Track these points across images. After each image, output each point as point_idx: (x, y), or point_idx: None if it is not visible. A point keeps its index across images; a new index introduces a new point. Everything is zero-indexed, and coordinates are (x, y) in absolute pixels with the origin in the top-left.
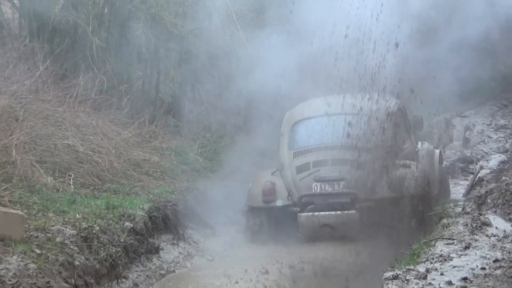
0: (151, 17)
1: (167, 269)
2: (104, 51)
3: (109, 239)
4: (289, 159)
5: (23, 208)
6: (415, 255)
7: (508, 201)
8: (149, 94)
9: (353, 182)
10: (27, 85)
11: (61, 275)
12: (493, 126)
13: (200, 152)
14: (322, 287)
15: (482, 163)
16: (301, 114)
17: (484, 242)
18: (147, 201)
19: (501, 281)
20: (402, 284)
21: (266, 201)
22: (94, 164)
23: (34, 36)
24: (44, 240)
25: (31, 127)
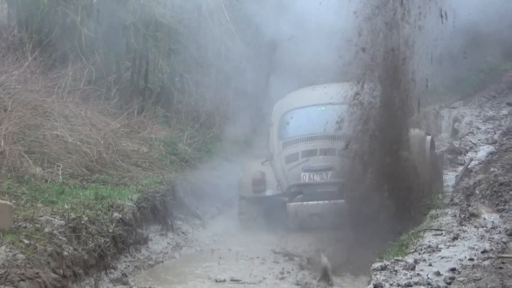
0: (140, 7)
1: (155, 260)
2: (92, 41)
3: (97, 230)
4: (278, 149)
5: (11, 199)
6: (404, 246)
7: (496, 192)
8: (138, 85)
9: (341, 171)
10: (16, 75)
11: (50, 266)
12: (482, 117)
13: (189, 142)
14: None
15: (470, 154)
16: (290, 104)
17: (473, 233)
18: (136, 191)
19: (489, 272)
20: (390, 274)
21: (256, 191)
22: (83, 155)
23: (23, 27)
24: (33, 230)
25: (20, 117)
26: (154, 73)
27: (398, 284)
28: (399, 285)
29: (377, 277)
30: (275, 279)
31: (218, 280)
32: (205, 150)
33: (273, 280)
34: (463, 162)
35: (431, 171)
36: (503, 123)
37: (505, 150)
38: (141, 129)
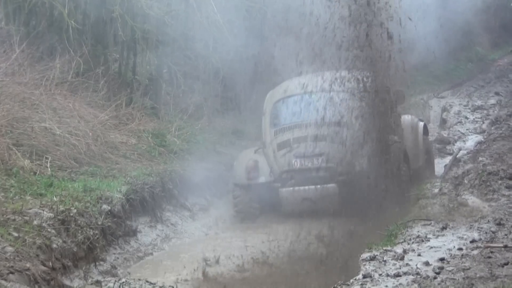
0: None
1: (145, 252)
2: (80, 33)
3: (86, 222)
4: (270, 137)
5: (0, 192)
6: (392, 236)
7: (485, 182)
8: (126, 77)
9: (332, 157)
10: (3, 68)
11: (39, 258)
12: (470, 107)
13: (178, 134)
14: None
15: (459, 144)
16: (281, 92)
17: (461, 223)
18: (125, 183)
19: (478, 262)
20: (379, 265)
21: (249, 178)
22: (71, 147)
23: (10, 19)
24: (21, 223)
25: (8, 110)
26: (142, 65)
27: (387, 274)
28: (388, 275)
29: (366, 267)
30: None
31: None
32: (193, 142)
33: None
34: (451, 151)
35: (424, 155)
36: (491, 112)
37: (494, 139)
38: (129, 121)
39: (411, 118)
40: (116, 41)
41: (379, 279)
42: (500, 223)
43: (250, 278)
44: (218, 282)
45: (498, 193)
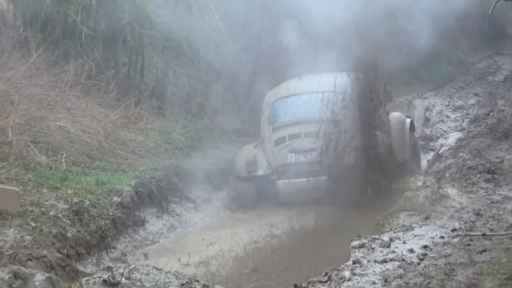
0: (136, 7)
1: (152, 240)
2: (92, 39)
3: (98, 213)
4: (268, 133)
5: (19, 185)
6: (380, 225)
7: (465, 175)
8: (134, 79)
9: (324, 151)
10: (22, 71)
11: (55, 246)
12: (451, 107)
13: (182, 132)
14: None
15: (441, 140)
16: (279, 93)
17: (443, 213)
18: (134, 177)
19: (458, 249)
20: (368, 252)
21: (249, 171)
22: (84, 144)
23: (28, 26)
24: (39, 214)
25: (26, 110)
26: (149, 68)
27: (375, 260)
28: (376, 261)
29: (355, 254)
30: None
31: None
32: (196, 139)
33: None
34: (434, 148)
35: (411, 149)
36: (470, 111)
37: (473, 136)
38: (137, 120)
39: (399, 115)
40: (125, 46)
41: (367, 265)
42: (478, 213)
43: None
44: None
45: (477, 186)
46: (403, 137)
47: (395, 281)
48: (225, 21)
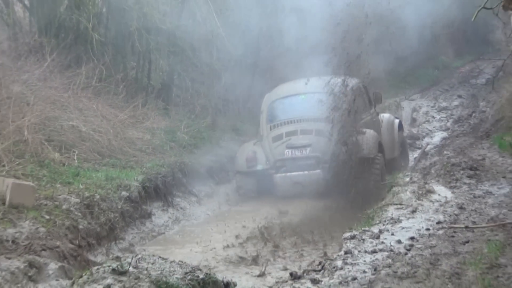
0: (143, 15)
1: (158, 231)
2: (102, 45)
3: (108, 206)
4: (266, 131)
5: (34, 180)
6: (370, 218)
7: (449, 172)
8: (141, 82)
9: (317, 147)
10: (37, 74)
11: (67, 237)
12: (436, 108)
13: (186, 131)
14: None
15: (427, 139)
16: (276, 94)
17: (429, 207)
18: (141, 173)
19: (442, 240)
20: (359, 243)
21: (249, 166)
22: (95, 142)
23: (42, 32)
24: (52, 207)
25: (41, 110)
26: (156, 72)
27: (365, 251)
28: (366, 252)
29: (347, 244)
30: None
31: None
32: (199, 137)
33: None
34: (420, 146)
35: (399, 148)
36: (454, 112)
37: (456, 136)
38: (144, 119)
39: (388, 115)
40: (133, 51)
41: (358, 255)
42: (462, 207)
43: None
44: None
45: (460, 182)
46: (392, 136)
47: (384, 270)
48: (226, 28)
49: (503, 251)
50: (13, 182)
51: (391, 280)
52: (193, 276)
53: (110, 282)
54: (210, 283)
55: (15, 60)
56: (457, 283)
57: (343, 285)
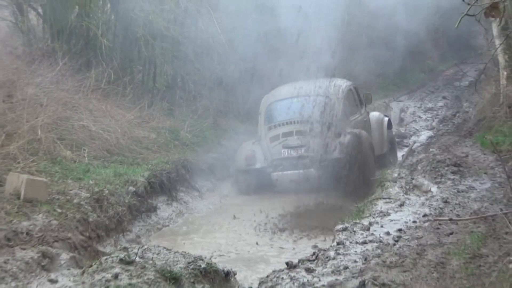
0: (149, 22)
1: (163, 224)
2: (111, 50)
3: (116, 200)
4: (264, 132)
5: (47, 176)
6: (361, 212)
7: (435, 168)
8: (147, 84)
9: (311, 147)
10: (49, 77)
11: (78, 229)
12: (423, 108)
13: (189, 130)
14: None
15: (414, 138)
16: (274, 97)
17: (415, 201)
18: (147, 169)
19: (428, 232)
20: (350, 234)
21: (248, 165)
22: (104, 141)
23: (55, 38)
24: (64, 201)
25: (53, 111)
26: (161, 75)
27: (356, 242)
28: (357, 243)
29: (339, 236)
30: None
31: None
32: (202, 136)
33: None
34: (408, 144)
35: (388, 144)
36: (439, 113)
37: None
38: (150, 119)
39: (378, 114)
40: (139, 56)
41: (349, 246)
42: (446, 201)
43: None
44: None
45: (445, 177)
46: (381, 134)
47: (373, 260)
48: (227, 34)
49: (485, 242)
50: (28, 178)
51: (380, 269)
52: (196, 266)
53: (118, 271)
54: (211, 272)
55: (29, 64)
56: (442, 272)
57: (335, 273)
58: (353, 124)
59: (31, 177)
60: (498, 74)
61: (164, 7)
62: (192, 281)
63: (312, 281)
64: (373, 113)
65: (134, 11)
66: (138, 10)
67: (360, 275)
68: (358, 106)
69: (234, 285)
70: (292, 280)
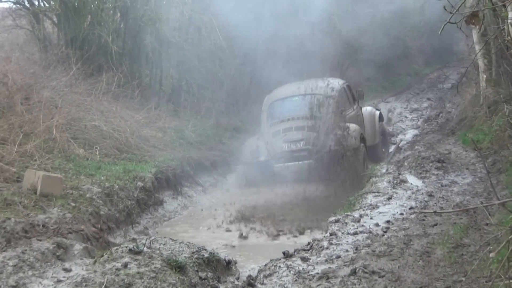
0: (156, 30)
1: (169, 216)
2: (120, 56)
3: (125, 195)
4: (267, 128)
5: (61, 172)
6: (352, 204)
7: (420, 164)
8: (154, 87)
9: (309, 141)
10: (64, 81)
11: (90, 222)
12: (409, 109)
13: (193, 129)
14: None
15: (401, 136)
16: (275, 96)
17: (402, 194)
18: (154, 166)
19: (414, 223)
20: (342, 225)
21: (253, 158)
22: (114, 139)
23: (69, 45)
24: (77, 196)
25: (67, 112)
26: (167, 79)
27: (347, 233)
28: (348, 233)
29: (332, 227)
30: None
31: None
32: (205, 135)
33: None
34: (395, 142)
35: (380, 136)
36: (424, 113)
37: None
38: (157, 120)
39: (370, 108)
40: (147, 61)
41: (341, 236)
42: (431, 195)
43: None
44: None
45: (430, 173)
46: (373, 126)
47: (364, 249)
48: (228, 40)
49: (467, 232)
50: (44, 174)
51: (370, 258)
52: (199, 255)
53: (127, 260)
54: (214, 261)
55: (45, 69)
56: (427, 260)
57: (328, 262)
58: (347, 119)
59: (47, 174)
60: (478, 77)
61: (170, 16)
62: (196, 269)
63: (307, 269)
64: (366, 107)
65: (142, 19)
66: (146, 19)
67: (351, 263)
68: (351, 102)
69: (235, 273)
70: (288, 268)
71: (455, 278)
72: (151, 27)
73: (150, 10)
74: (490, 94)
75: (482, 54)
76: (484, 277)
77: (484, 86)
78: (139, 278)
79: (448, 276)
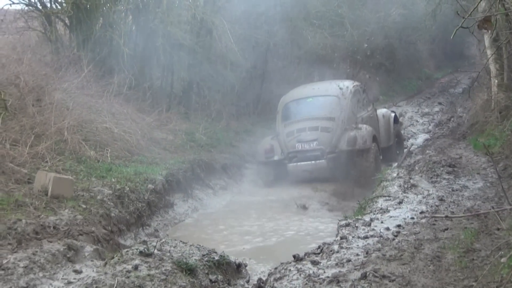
0: (167, 33)
1: (179, 219)
2: (132, 58)
3: (136, 197)
4: (281, 128)
5: (72, 174)
6: (362, 208)
7: (431, 169)
8: (165, 90)
9: (322, 141)
10: (75, 83)
11: (101, 224)
12: (420, 113)
13: (204, 132)
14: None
15: (412, 140)
16: (290, 97)
17: (413, 199)
18: (164, 168)
19: (425, 227)
20: (352, 229)
21: (267, 157)
22: (125, 142)
23: (80, 47)
24: (88, 198)
25: (78, 114)
26: (178, 81)
27: (358, 236)
28: (359, 237)
29: (342, 231)
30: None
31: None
32: (215, 138)
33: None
34: (406, 146)
35: (395, 137)
36: (435, 117)
37: (437, 137)
38: (168, 122)
39: (385, 110)
40: (158, 63)
41: (352, 240)
42: (442, 199)
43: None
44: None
45: (440, 177)
46: (388, 128)
47: (374, 253)
48: (239, 43)
49: (478, 237)
50: (55, 176)
51: (380, 262)
52: (210, 258)
53: (138, 262)
54: (224, 263)
55: (57, 71)
56: (437, 265)
57: (339, 266)
58: (360, 120)
59: (58, 175)
60: (490, 82)
61: (181, 19)
62: (206, 272)
63: (317, 272)
64: (381, 110)
65: (154, 22)
66: (157, 22)
67: (362, 267)
68: (365, 104)
69: (245, 276)
70: (298, 272)
71: (465, 283)
72: (163, 30)
73: (162, 13)
74: (501, 99)
75: (494, 59)
76: (495, 282)
77: (496, 91)
78: (150, 280)
79: (459, 281)
